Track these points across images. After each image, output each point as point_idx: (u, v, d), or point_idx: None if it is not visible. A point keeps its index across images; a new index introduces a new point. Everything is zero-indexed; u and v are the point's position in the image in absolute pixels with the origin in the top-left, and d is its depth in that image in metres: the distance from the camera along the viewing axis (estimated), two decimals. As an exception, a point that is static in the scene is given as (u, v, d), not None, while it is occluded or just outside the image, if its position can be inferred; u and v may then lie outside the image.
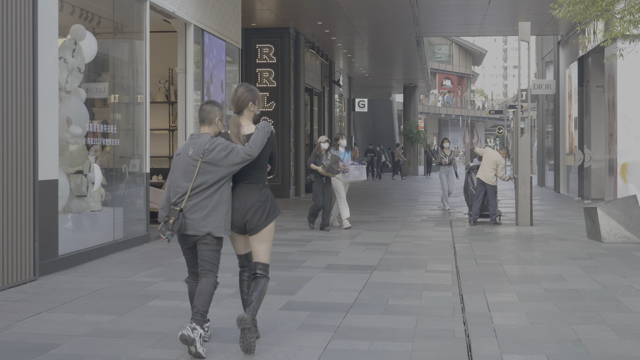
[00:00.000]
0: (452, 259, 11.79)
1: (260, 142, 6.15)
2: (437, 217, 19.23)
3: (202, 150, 6.09)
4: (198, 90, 15.87)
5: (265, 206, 6.28)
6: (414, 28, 25.54)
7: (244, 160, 6.09)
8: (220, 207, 6.13)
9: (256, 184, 6.29)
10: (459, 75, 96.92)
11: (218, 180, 6.10)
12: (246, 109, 6.35)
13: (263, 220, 6.25)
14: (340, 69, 37.37)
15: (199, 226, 6.10)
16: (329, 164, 15.41)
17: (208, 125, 6.26)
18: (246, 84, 6.45)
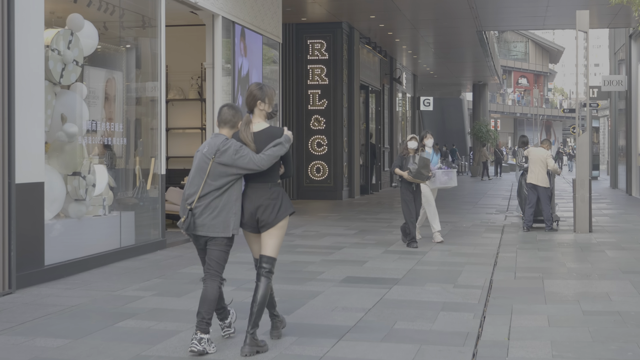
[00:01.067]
0: (490, 271, 10.60)
1: (276, 156, 6.23)
2: (492, 222, 17.95)
3: (215, 150, 6.17)
4: (228, 86, 14.94)
5: (275, 204, 6.29)
6: (473, 21, 24.21)
7: (251, 170, 6.17)
8: (229, 206, 6.20)
9: (266, 183, 6.31)
10: (535, 73, 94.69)
11: (228, 182, 6.17)
12: (255, 107, 6.38)
13: (274, 217, 6.27)
14: (403, 66, 36.13)
15: (209, 227, 6.19)
16: (417, 169, 12.74)
17: (230, 128, 6.36)
18: (257, 83, 6.49)
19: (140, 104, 12.41)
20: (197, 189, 6.20)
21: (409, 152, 13.04)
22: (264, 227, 6.32)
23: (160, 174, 12.25)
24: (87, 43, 10.31)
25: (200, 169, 6.25)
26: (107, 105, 11.32)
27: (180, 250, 12.23)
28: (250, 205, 6.30)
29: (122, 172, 11.74)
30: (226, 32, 14.77)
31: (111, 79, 11.48)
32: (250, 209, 6.30)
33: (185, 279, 9.62)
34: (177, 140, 16.73)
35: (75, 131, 10.01)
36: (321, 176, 24.36)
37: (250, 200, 6.31)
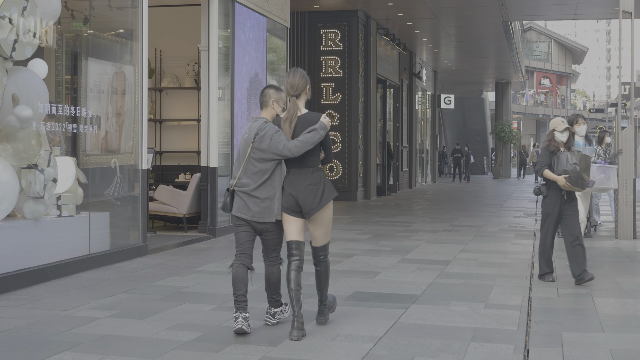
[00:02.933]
0: (526, 286, 8.86)
1: (312, 143, 6.21)
2: (521, 226, 16.19)
3: (254, 134, 6.25)
4: (227, 71, 13.27)
5: (317, 189, 6.31)
6: (499, 9, 22.43)
7: (285, 155, 6.22)
8: (272, 192, 6.29)
9: (308, 168, 6.34)
10: (558, 74, 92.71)
11: (268, 167, 6.26)
12: (303, 92, 6.39)
13: (317, 203, 6.29)
14: (423, 61, 34.35)
15: (254, 213, 6.30)
16: (578, 172, 8.87)
17: (265, 108, 6.43)
18: (300, 69, 6.49)
19: (115, 89, 10.74)
20: (237, 173, 6.33)
21: (559, 145, 9.11)
22: (307, 213, 6.36)
23: (142, 169, 10.58)
24: (46, 10, 8.63)
25: (241, 154, 6.36)
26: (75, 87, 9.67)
27: (163, 258, 10.56)
28: (292, 190, 6.32)
29: (95, 165, 10.08)
30: (224, 11, 13.11)
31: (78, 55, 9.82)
32: (293, 194, 6.32)
33: (158, 294, 7.94)
34: (171, 133, 15.07)
35: (29, 115, 8.33)
36: (334, 175, 22.63)
37: (292, 185, 6.34)
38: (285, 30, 16.34)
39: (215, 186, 12.90)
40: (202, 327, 6.48)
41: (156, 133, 15.01)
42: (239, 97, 13.76)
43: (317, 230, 6.49)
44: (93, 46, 10.51)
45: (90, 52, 10.37)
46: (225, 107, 13.30)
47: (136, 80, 10.61)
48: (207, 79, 12.79)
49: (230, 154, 13.42)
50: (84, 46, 10.35)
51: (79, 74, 9.90)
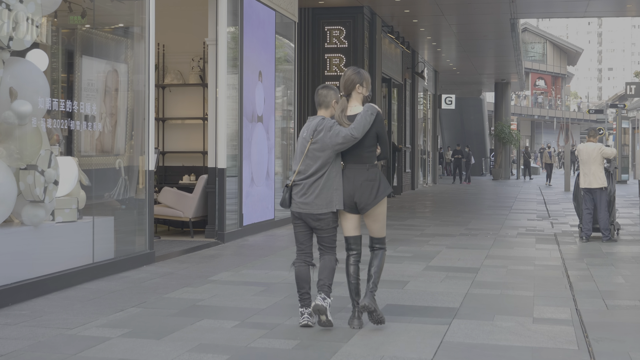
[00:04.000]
0: (569, 296, 8.15)
1: (363, 123, 6.32)
2: (539, 229, 15.48)
3: (313, 131, 6.40)
4: (235, 66, 12.53)
5: (373, 185, 6.43)
6: (508, 7, 21.71)
7: (346, 140, 6.31)
8: (329, 184, 6.39)
9: (364, 164, 6.45)
10: (553, 75, 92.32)
11: (326, 161, 6.38)
12: (354, 91, 6.51)
13: (372, 199, 6.42)
14: (425, 60, 33.64)
15: (313, 206, 6.40)
16: None
17: (325, 108, 6.53)
18: (354, 67, 6.65)
19: (120, 86, 10.00)
20: (296, 170, 6.48)
21: None
22: (363, 208, 6.49)
23: (148, 170, 9.84)
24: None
25: (301, 152, 6.49)
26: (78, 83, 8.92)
27: (172, 266, 9.81)
28: (349, 186, 6.46)
29: (99, 166, 9.32)
30: (232, 2, 12.37)
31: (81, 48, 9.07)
32: (349, 190, 6.46)
33: (172, 308, 7.20)
34: (175, 133, 14.31)
35: (28, 110, 7.56)
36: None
37: (349, 181, 6.46)
38: (294, 25, 15.61)
39: (224, 188, 12.15)
40: (228, 349, 5.74)
41: (159, 132, 14.25)
42: (248, 94, 13.02)
43: (374, 225, 6.63)
44: (96, 41, 9.76)
45: (93, 47, 9.63)
46: (233, 105, 12.55)
47: (143, 76, 9.86)
48: (216, 75, 12.05)
49: (239, 154, 12.68)
50: (84, 41, 9.60)
51: (79, 69, 9.14)
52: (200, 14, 13.26)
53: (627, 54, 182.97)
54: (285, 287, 8.42)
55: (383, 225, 6.67)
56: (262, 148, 13.81)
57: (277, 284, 8.65)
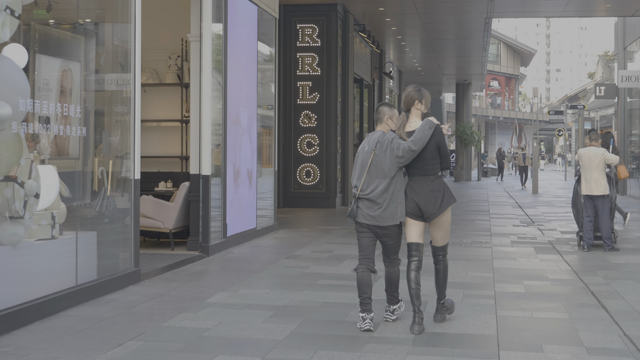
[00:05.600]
0: (608, 319, 7.41)
1: (421, 136, 6.61)
2: (530, 237, 14.78)
3: (375, 144, 6.77)
4: (219, 65, 11.59)
5: (438, 195, 6.79)
6: (486, 5, 21.05)
7: (405, 153, 6.64)
8: (395, 197, 6.77)
9: (428, 176, 6.80)
10: (506, 76, 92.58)
11: (390, 174, 6.72)
12: (413, 107, 6.88)
13: (437, 208, 6.78)
14: (391, 60, 32.94)
15: (379, 218, 6.76)
16: None
17: (379, 123, 6.97)
18: (415, 85, 7.01)
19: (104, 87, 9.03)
20: (361, 181, 6.76)
21: None
22: (429, 217, 6.83)
23: (134, 179, 8.88)
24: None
25: (363, 165, 6.82)
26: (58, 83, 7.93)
27: (161, 285, 8.86)
28: (415, 196, 6.79)
29: (79, 175, 8.34)
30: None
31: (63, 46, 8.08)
32: (415, 200, 6.79)
33: (177, 341, 6.28)
34: (151, 136, 13.29)
35: (8, 114, 6.57)
36: (311, 181, 21.03)
37: (414, 192, 6.81)
38: (275, 22, 14.70)
39: (208, 197, 11.21)
40: None
41: (132, 136, 13.23)
42: (232, 95, 12.11)
43: (438, 233, 6.97)
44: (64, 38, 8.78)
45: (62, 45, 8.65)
46: (217, 106, 11.63)
47: (128, 76, 8.91)
48: (199, 74, 11.11)
49: (223, 160, 11.75)
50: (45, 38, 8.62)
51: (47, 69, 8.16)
52: (178, 8, 12.35)
53: (574, 56, 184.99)
54: (296, 312, 7.54)
55: (447, 233, 7.01)
56: (245, 153, 12.91)
57: (285, 307, 7.77)
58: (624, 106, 29.91)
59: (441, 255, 7.07)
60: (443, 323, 7.14)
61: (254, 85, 13.30)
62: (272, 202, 14.98)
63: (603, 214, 12.54)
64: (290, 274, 9.89)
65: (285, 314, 7.42)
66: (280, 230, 14.95)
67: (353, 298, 8.27)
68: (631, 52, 29.16)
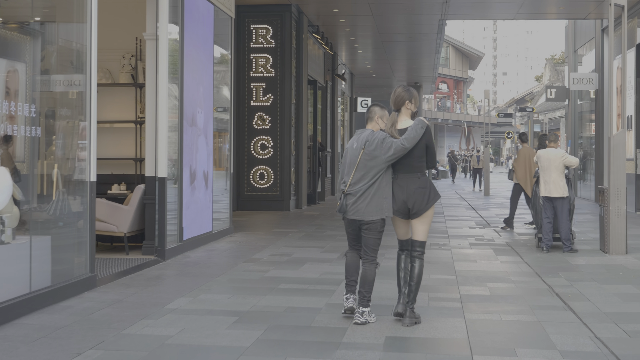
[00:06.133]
0: (577, 321, 7.32)
1: (414, 135, 6.89)
2: (487, 238, 14.73)
3: (364, 142, 7.01)
4: (175, 65, 11.33)
5: (425, 192, 7.03)
6: (440, 7, 21.01)
7: (397, 151, 6.90)
8: (380, 192, 7.00)
9: (415, 173, 7.04)
10: (455, 79, 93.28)
11: (378, 171, 6.97)
12: (403, 107, 7.14)
13: (424, 205, 7.02)
14: (344, 62, 32.83)
15: (364, 212, 7.01)
16: None
17: (370, 122, 7.27)
18: (404, 85, 7.32)
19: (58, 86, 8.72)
20: (349, 177, 7.02)
21: None
22: (416, 213, 7.03)
23: (90, 182, 8.59)
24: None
25: (352, 162, 7.07)
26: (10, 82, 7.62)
27: (117, 291, 8.57)
28: (402, 194, 7.01)
29: (31, 178, 8.02)
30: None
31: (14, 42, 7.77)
32: (402, 197, 7.00)
33: (139, 349, 6.03)
34: (104, 138, 12.91)
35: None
36: (265, 183, 20.78)
37: (401, 189, 7.01)
38: (230, 22, 14.45)
39: (164, 199, 10.93)
40: None
41: (84, 137, 12.88)
42: (189, 96, 11.84)
43: (421, 226, 7.09)
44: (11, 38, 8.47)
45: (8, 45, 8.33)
46: (173, 107, 11.35)
47: (83, 76, 8.62)
48: (155, 74, 10.83)
49: (179, 162, 11.48)
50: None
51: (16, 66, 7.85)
52: (133, 6, 12.05)
53: (521, 59, 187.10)
54: (260, 317, 7.32)
55: (428, 228, 7.14)
56: (202, 154, 12.64)
57: (249, 312, 7.54)
58: (574, 109, 30.15)
59: (419, 252, 7.14)
60: (411, 327, 6.98)
61: (210, 85, 13.04)
62: (227, 205, 14.72)
63: (562, 216, 12.52)
64: (250, 278, 9.66)
65: (249, 320, 7.20)
66: (236, 234, 14.70)
67: (317, 302, 8.08)
68: (582, 55, 29.42)
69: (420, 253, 7.14)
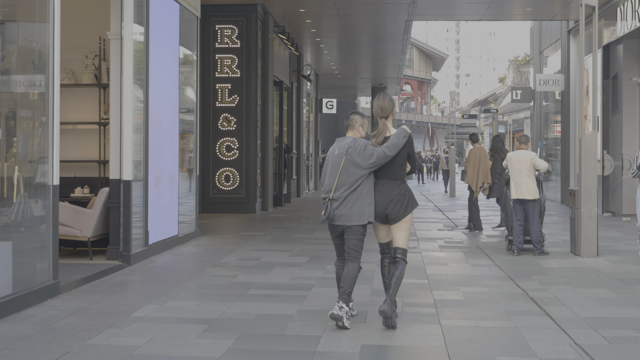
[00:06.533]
0: (555, 327, 7.18)
1: (396, 143, 7.09)
2: (457, 241, 14.62)
3: (346, 149, 7.18)
4: (140, 65, 11.05)
5: (404, 199, 7.25)
6: (407, 7, 20.87)
7: (379, 158, 7.09)
8: (362, 198, 7.17)
9: (395, 180, 7.27)
10: (419, 80, 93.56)
11: (359, 177, 7.14)
12: (390, 114, 7.35)
13: (402, 211, 7.23)
14: (309, 63, 32.63)
15: (346, 217, 7.16)
16: None
17: (351, 130, 7.40)
18: (387, 93, 7.50)
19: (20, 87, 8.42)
20: (333, 184, 7.19)
21: None
22: (393, 220, 7.23)
23: (52, 185, 8.29)
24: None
25: (334, 169, 7.23)
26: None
27: (82, 299, 8.28)
28: (382, 199, 7.21)
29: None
30: (137, -8, 10.90)
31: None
32: (382, 203, 7.20)
33: None
34: (66, 139, 12.56)
35: None
36: (231, 185, 20.50)
37: (382, 195, 7.22)
38: (196, 21, 14.17)
39: (129, 203, 10.64)
40: None
41: (46, 139, 12.53)
42: (154, 96, 11.56)
43: (400, 233, 7.29)
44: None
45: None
46: (138, 108, 11.07)
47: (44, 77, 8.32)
48: (120, 74, 10.54)
49: (144, 164, 11.19)
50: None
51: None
52: (97, 4, 11.75)
53: (483, 61, 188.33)
54: (231, 325, 7.08)
55: (407, 234, 7.32)
56: (167, 156, 12.36)
57: (219, 320, 7.31)
58: (540, 110, 30.22)
59: (400, 256, 7.27)
60: (387, 335, 6.79)
61: (175, 86, 12.77)
62: (193, 207, 14.44)
63: (533, 218, 12.41)
64: (218, 284, 9.41)
65: (219, 328, 6.96)
66: (202, 237, 14.43)
67: (289, 309, 7.87)
68: (547, 57, 29.49)
69: (402, 257, 7.26)
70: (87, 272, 9.93)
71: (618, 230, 16.08)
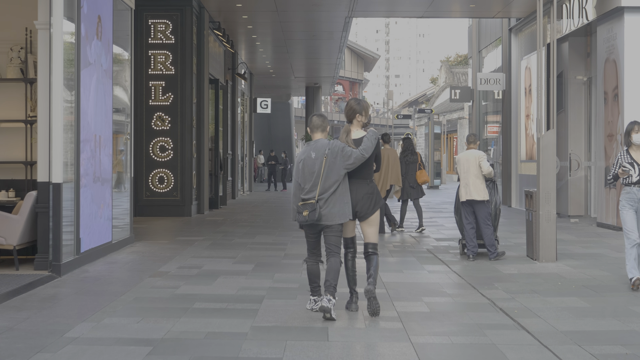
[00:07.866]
0: (536, 343, 6.59)
1: (371, 145, 7.56)
2: (407, 244, 14.01)
3: (324, 152, 7.49)
4: (71, 58, 10.13)
5: (372, 197, 7.70)
6: (348, 4, 20.22)
7: (357, 160, 7.51)
8: (342, 198, 7.56)
9: (364, 179, 7.73)
10: (351, 80, 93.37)
11: (337, 178, 7.51)
12: (354, 119, 7.74)
13: (371, 209, 7.70)
14: (244, 61, 31.78)
15: (329, 217, 7.50)
16: None
17: (322, 132, 7.72)
18: (355, 98, 8.02)
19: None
20: (315, 187, 7.50)
21: None
22: (362, 217, 7.74)
23: (-28, 190, 7.37)
24: None
25: (314, 171, 7.54)
26: None
27: (7, 316, 7.37)
28: (352, 197, 7.68)
29: None
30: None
31: None
32: (353, 201, 7.68)
33: None
34: (-11, 139, 11.63)
35: None
36: (165, 187, 19.57)
37: (352, 192, 7.68)
38: (130, 13, 13.25)
39: (59, 208, 9.73)
40: None
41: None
42: (86, 92, 10.65)
43: (369, 229, 7.80)
44: None
45: None
46: (69, 105, 10.15)
47: None
48: (49, 67, 9.62)
49: (76, 165, 10.28)
50: None
51: None
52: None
53: (413, 62, 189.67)
54: (178, 346, 6.28)
55: (376, 230, 7.81)
56: (100, 157, 11.45)
57: (164, 340, 6.50)
58: (478, 109, 29.90)
59: (372, 250, 7.75)
60: (336, 348, 6.06)
61: (109, 82, 11.86)
62: (127, 211, 13.52)
63: (484, 220, 11.86)
64: (160, 297, 8.59)
65: (166, 351, 6.16)
66: (138, 243, 13.53)
67: (241, 325, 7.11)
68: (484, 57, 29.19)
69: (374, 252, 7.75)
70: (12, 284, 8.98)
71: (569, 233, 15.66)
